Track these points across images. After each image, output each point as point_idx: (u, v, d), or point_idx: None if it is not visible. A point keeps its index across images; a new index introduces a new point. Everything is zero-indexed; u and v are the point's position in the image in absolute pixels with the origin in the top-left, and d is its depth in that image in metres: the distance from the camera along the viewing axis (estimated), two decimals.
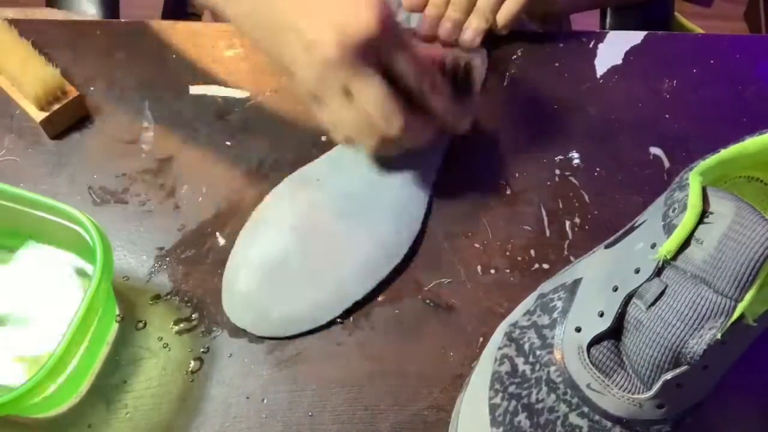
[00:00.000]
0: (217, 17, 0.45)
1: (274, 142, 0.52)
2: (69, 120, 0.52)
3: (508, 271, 0.47)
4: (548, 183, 0.51)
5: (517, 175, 0.51)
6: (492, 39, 0.55)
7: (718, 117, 0.54)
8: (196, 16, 0.89)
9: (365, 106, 0.40)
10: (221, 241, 0.48)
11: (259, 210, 0.48)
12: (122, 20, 0.59)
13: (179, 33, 0.57)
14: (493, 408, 0.38)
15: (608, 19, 0.76)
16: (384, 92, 0.40)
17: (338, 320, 0.45)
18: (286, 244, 0.46)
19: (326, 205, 0.47)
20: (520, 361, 0.39)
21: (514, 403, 0.38)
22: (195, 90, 0.54)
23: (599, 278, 0.38)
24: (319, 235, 0.46)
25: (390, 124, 0.41)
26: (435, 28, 0.54)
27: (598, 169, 0.51)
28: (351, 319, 0.45)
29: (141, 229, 0.48)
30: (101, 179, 0.50)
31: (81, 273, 0.45)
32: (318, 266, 0.45)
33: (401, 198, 0.48)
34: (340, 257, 0.45)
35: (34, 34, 0.55)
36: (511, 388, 0.38)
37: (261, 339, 0.44)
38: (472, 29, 0.53)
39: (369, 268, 0.45)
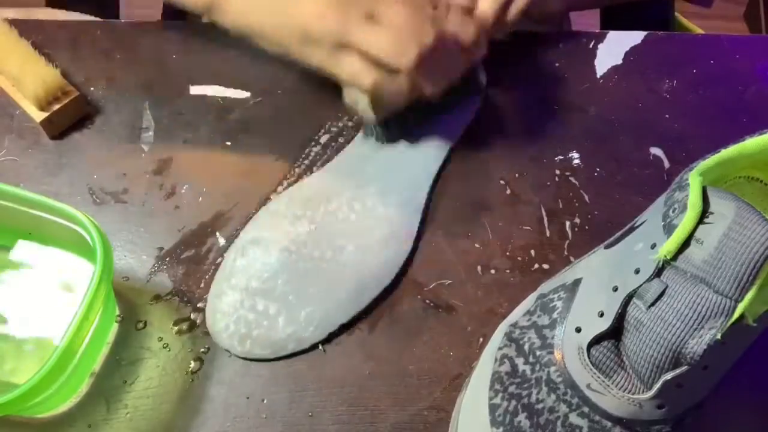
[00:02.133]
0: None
1: (274, 142, 0.52)
2: (69, 120, 0.52)
3: (508, 271, 0.47)
4: (548, 183, 0.51)
5: (517, 175, 0.51)
6: (491, 40, 0.55)
7: (718, 117, 0.54)
8: (196, 16, 0.89)
9: (394, 20, 0.40)
10: (221, 241, 0.48)
11: (252, 226, 0.47)
12: (122, 20, 0.59)
13: (179, 33, 0.57)
14: (493, 408, 0.38)
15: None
16: (409, 8, 0.41)
17: (321, 345, 0.44)
18: (275, 267, 0.45)
19: (319, 230, 0.46)
20: (520, 361, 0.39)
21: (514, 403, 0.38)
22: (195, 90, 0.54)
23: (599, 278, 0.38)
24: (310, 260, 0.45)
25: (422, 37, 0.41)
26: None
27: (598, 169, 0.51)
28: (352, 318, 0.45)
29: (141, 229, 0.48)
30: (101, 179, 0.50)
31: (81, 273, 0.45)
32: (305, 292, 0.44)
33: (393, 224, 0.47)
34: (328, 284, 0.45)
35: (34, 34, 0.55)
36: (511, 388, 0.38)
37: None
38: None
39: (355, 296, 0.45)
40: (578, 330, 0.37)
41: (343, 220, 0.47)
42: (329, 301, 0.44)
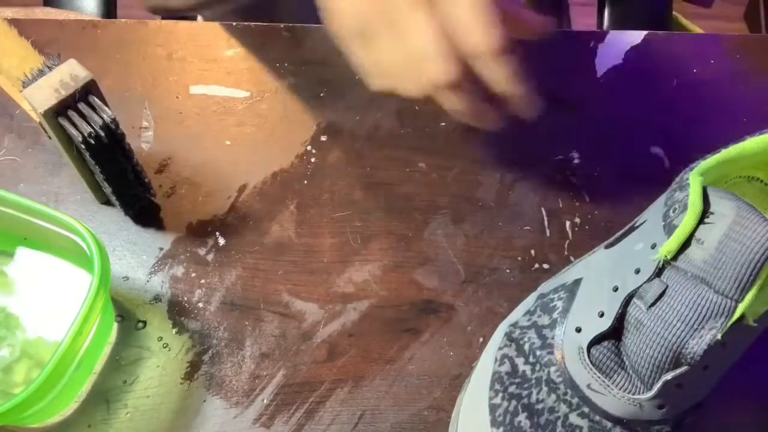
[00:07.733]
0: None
1: (273, 142, 0.52)
2: None
3: (508, 271, 0.47)
4: (548, 183, 0.51)
5: (517, 175, 0.51)
6: None
7: (718, 117, 0.54)
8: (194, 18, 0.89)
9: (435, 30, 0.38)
10: (221, 241, 0.48)
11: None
12: (122, 20, 0.59)
13: (179, 33, 0.57)
14: (493, 408, 0.38)
15: (606, 12, 0.76)
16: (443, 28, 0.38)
17: None
18: None
19: None
20: (520, 361, 0.39)
21: (514, 403, 0.38)
22: (195, 90, 0.54)
23: (599, 278, 0.38)
24: None
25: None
26: None
27: (598, 169, 0.51)
28: (352, 318, 0.45)
29: (141, 229, 0.48)
30: None
31: (79, 281, 0.44)
32: None
33: None
34: None
35: (34, 33, 0.55)
36: (512, 389, 0.38)
37: (260, 339, 0.44)
38: None
39: None
40: (578, 330, 0.37)
41: None
42: None
